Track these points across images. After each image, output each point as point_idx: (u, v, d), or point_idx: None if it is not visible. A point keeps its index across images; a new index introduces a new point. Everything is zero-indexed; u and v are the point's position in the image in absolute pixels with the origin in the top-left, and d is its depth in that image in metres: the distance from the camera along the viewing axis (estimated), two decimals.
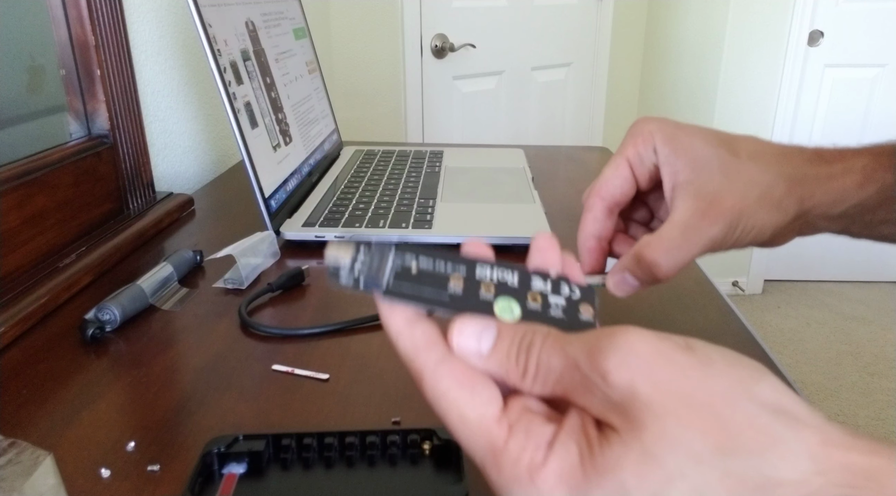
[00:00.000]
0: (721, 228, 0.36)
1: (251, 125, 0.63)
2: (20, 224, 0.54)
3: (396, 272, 0.24)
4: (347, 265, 0.23)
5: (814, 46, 2.22)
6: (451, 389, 0.22)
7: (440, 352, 0.23)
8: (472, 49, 1.85)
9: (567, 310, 0.25)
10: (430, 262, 0.24)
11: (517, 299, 0.24)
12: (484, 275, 0.25)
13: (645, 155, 0.38)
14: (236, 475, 0.33)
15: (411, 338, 0.23)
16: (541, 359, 0.22)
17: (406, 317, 0.23)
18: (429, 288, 0.24)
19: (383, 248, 0.24)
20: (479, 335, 0.23)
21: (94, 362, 0.45)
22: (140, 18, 0.77)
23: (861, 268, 2.50)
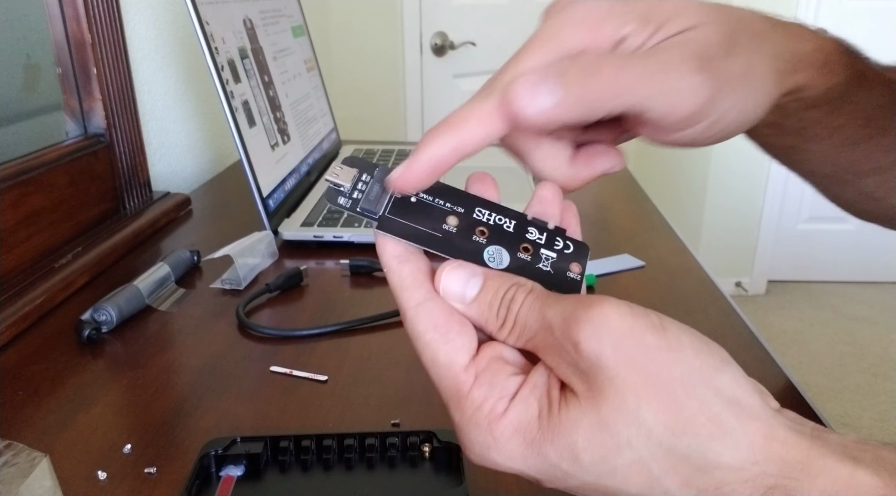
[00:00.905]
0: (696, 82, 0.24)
1: (249, 124, 0.63)
2: (16, 224, 0.54)
3: (395, 200, 0.24)
4: (348, 187, 0.23)
5: None
6: (427, 332, 0.23)
7: (424, 292, 0.23)
8: (473, 47, 1.85)
9: (556, 264, 0.25)
10: (430, 196, 0.24)
11: (508, 247, 0.24)
12: (481, 216, 0.24)
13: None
14: (234, 477, 0.32)
15: (399, 275, 0.23)
16: (519, 315, 0.22)
17: (397, 252, 0.24)
18: (423, 223, 0.24)
19: (385, 173, 0.24)
20: (465, 281, 0.23)
21: (91, 363, 0.44)
22: (137, 16, 0.76)
23: (865, 269, 2.50)
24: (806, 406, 0.39)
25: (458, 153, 0.24)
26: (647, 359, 0.20)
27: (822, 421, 0.38)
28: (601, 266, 0.58)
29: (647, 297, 0.53)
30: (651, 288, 0.54)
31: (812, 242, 2.48)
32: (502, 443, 0.21)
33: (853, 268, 2.51)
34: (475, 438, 0.22)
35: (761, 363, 0.44)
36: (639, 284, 0.55)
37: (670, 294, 0.54)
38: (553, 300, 0.22)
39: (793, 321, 2.30)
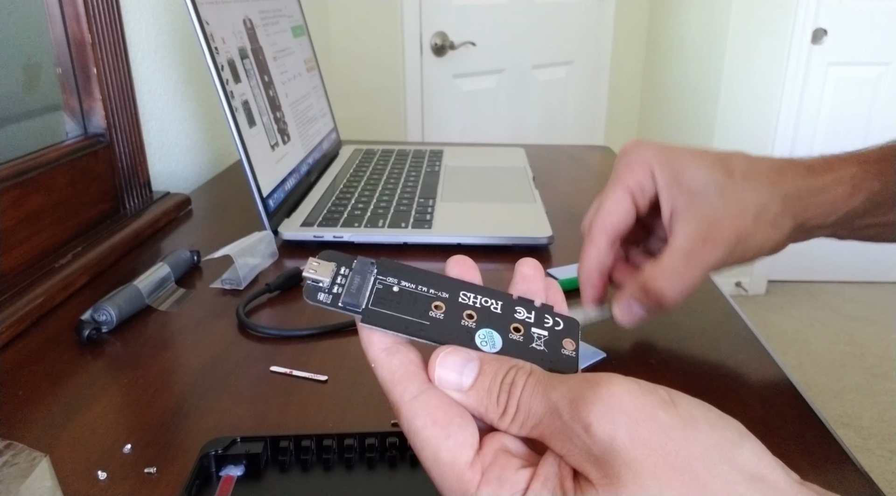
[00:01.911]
0: (722, 252, 0.37)
1: (249, 124, 0.63)
2: (16, 224, 0.54)
3: (377, 291, 0.23)
4: (327, 283, 0.23)
5: (817, 44, 2.22)
6: (426, 427, 0.22)
7: (418, 384, 0.22)
8: (473, 47, 1.85)
9: (549, 342, 0.24)
10: (413, 283, 0.24)
11: (499, 330, 0.24)
12: (467, 300, 0.24)
13: (645, 183, 0.39)
14: (234, 477, 0.32)
15: (389, 368, 0.23)
16: (522, 400, 0.21)
17: (384, 345, 0.23)
18: (409, 312, 0.23)
19: (364, 265, 0.23)
20: (460, 368, 0.22)
21: (91, 363, 0.44)
22: (137, 16, 0.76)
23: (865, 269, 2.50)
24: (806, 406, 0.39)
25: None
26: (663, 438, 0.19)
27: (823, 421, 0.38)
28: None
29: None
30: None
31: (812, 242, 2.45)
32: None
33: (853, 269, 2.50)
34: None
35: (761, 363, 0.44)
36: None
37: None
38: (556, 381, 0.21)
39: (793, 321, 2.30)
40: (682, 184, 0.38)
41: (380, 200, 0.71)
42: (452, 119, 1.91)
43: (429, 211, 0.68)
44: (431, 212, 0.68)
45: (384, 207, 0.69)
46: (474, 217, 0.67)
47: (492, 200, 0.72)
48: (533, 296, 0.25)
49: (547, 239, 0.61)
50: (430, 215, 0.67)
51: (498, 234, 0.62)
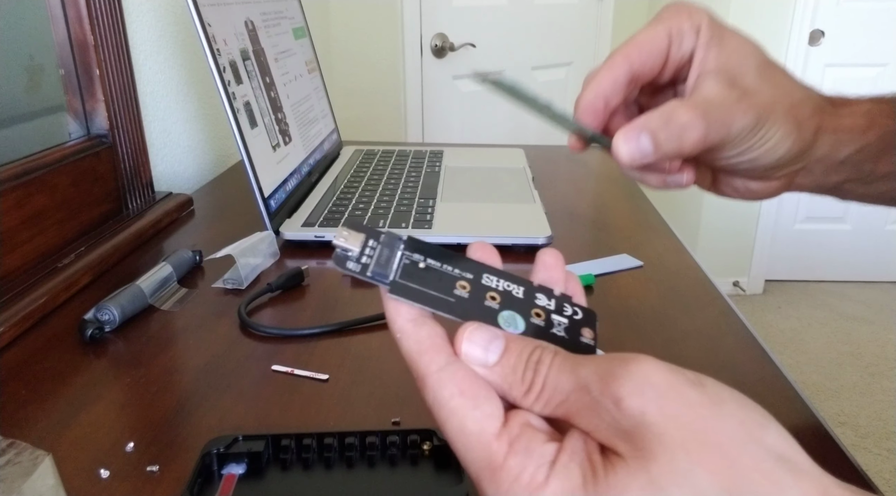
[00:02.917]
0: (751, 119, 0.32)
1: (251, 125, 0.63)
2: (19, 224, 0.54)
3: (405, 266, 0.23)
4: (356, 252, 0.23)
5: (815, 46, 2.22)
6: (453, 397, 0.22)
7: (445, 356, 0.22)
8: (472, 48, 1.85)
9: (569, 329, 0.24)
10: (438, 262, 0.24)
11: (521, 313, 0.24)
12: (490, 283, 0.24)
13: (687, 34, 0.34)
14: (236, 476, 0.33)
15: (416, 339, 0.23)
16: (549, 377, 0.21)
17: (411, 316, 0.23)
18: (434, 288, 0.23)
19: (393, 239, 0.24)
20: (486, 345, 0.22)
21: (94, 362, 0.44)
22: (139, 18, 0.77)
23: (862, 269, 2.50)
24: (803, 405, 0.40)
25: None
26: (693, 414, 0.19)
27: (820, 420, 0.38)
28: (600, 266, 0.58)
29: (646, 297, 0.53)
30: (649, 287, 0.55)
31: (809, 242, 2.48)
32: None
33: (850, 268, 2.51)
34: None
35: (759, 362, 0.44)
36: (637, 284, 0.56)
37: (668, 294, 0.54)
38: (583, 359, 0.21)
39: (790, 320, 2.30)
40: (724, 47, 0.33)
41: (380, 201, 0.71)
42: (452, 120, 1.91)
43: (429, 211, 0.68)
44: (431, 212, 0.68)
45: (385, 207, 0.69)
46: (474, 217, 0.67)
47: (492, 201, 0.72)
48: (553, 285, 0.25)
49: (546, 239, 0.62)
50: (430, 215, 0.67)
51: (497, 234, 0.62)
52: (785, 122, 0.34)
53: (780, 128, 0.33)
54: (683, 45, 0.34)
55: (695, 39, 0.34)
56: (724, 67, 0.33)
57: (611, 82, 0.34)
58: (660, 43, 0.34)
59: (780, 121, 0.33)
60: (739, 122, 0.32)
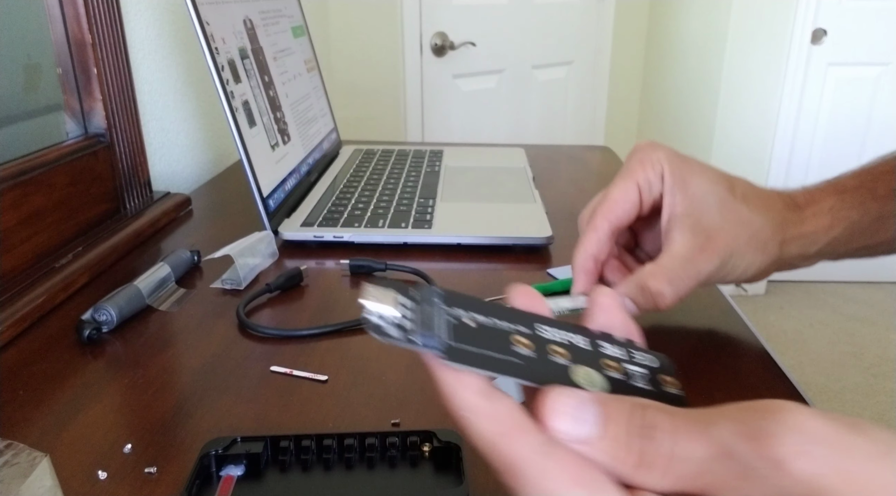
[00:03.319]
0: (715, 264, 0.39)
1: (249, 124, 0.63)
2: (16, 224, 0.54)
3: (453, 324, 0.19)
4: (392, 315, 0.19)
5: (817, 44, 2.22)
6: (567, 489, 0.18)
7: (536, 436, 0.18)
8: (473, 47, 1.85)
9: (650, 380, 0.21)
10: (484, 315, 0.20)
11: (594, 367, 0.20)
12: (548, 334, 0.21)
13: (654, 181, 0.40)
14: (234, 477, 0.32)
15: (495, 418, 0.18)
16: (673, 446, 0.18)
17: (480, 389, 0.19)
18: (492, 347, 0.19)
19: (429, 294, 0.20)
20: (579, 414, 0.18)
21: (91, 363, 0.44)
22: (137, 17, 0.77)
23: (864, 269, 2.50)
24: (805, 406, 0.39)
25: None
26: (870, 470, 0.16)
27: None
28: None
29: None
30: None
31: None
32: None
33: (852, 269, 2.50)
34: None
35: (761, 363, 0.44)
36: None
37: None
38: (710, 416, 0.18)
39: (792, 321, 2.30)
40: (687, 190, 0.39)
41: (380, 200, 0.71)
42: (452, 119, 1.91)
43: (429, 211, 0.68)
44: (431, 212, 0.68)
45: (384, 207, 0.69)
46: (474, 217, 0.67)
47: (492, 200, 0.72)
48: (612, 329, 0.23)
49: (546, 239, 0.62)
50: (430, 215, 0.67)
51: (498, 234, 0.62)
52: (748, 251, 0.39)
53: (744, 257, 0.39)
54: (653, 190, 0.40)
55: (661, 184, 0.40)
56: (688, 211, 0.39)
57: (596, 243, 0.41)
58: (632, 196, 0.40)
59: (743, 251, 0.39)
60: (706, 268, 0.39)
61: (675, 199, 0.39)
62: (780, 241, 0.40)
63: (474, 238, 0.62)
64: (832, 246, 0.41)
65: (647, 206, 0.41)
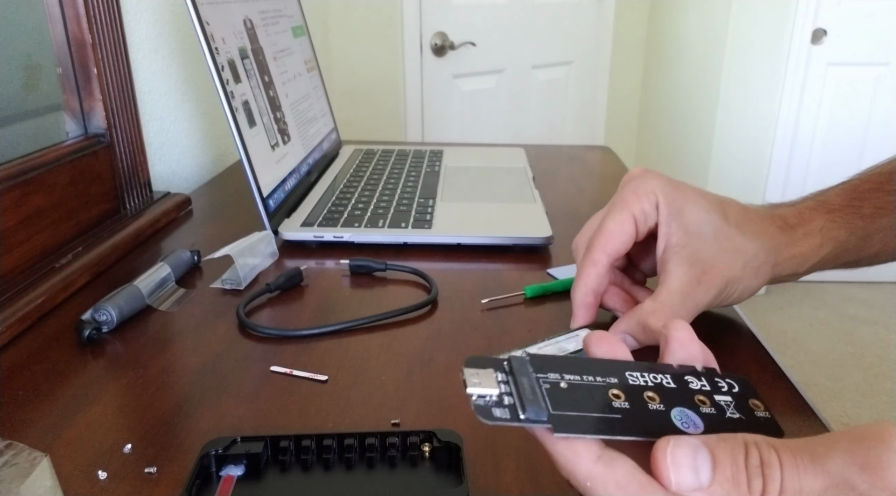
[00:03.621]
0: (713, 295, 0.40)
1: (249, 124, 0.63)
2: (16, 224, 0.54)
3: (548, 392, 0.20)
4: (495, 396, 0.19)
5: (817, 44, 2.22)
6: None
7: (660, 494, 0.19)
8: (473, 47, 1.85)
9: (740, 407, 0.21)
10: (576, 374, 0.20)
11: (688, 406, 0.21)
12: (637, 380, 0.21)
13: (649, 212, 0.41)
14: (234, 477, 0.32)
15: (617, 484, 0.19)
16: (786, 482, 0.18)
17: (593, 454, 0.19)
18: (592, 408, 0.20)
19: (522, 365, 0.20)
20: (693, 464, 0.19)
21: (91, 363, 0.44)
22: (137, 17, 0.77)
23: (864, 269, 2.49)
24: (805, 406, 0.39)
25: None
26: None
27: (822, 421, 0.38)
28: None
29: None
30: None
31: None
32: None
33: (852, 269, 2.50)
34: None
35: (761, 363, 0.44)
36: None
37: None
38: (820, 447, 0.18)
39: (792, 321, 2.30)
40: (682, 221, 0.40)
41: (380, 200, 0.71)
42: (452, 119, 1.91)
43: (429, 211, 0.68)
44: (431, 212, 0.68)
45: (384, 207, 0.69)
46: (474, 217, 0.67)
47: (492, 200, 0.72)
48: (692, 361, 0.23)
49: (546, 239, 0.62)
50: (430, 215, 0.67)
51: (498, 234, 0.62)
52: (743, 278, 0.40)
53: (740, 283, 0.41)
54: (648, 221, 0.41)
55: (656, 215, 0.41)
56: (683, 241, 0.40)
57: (595, 278, 0.41)
58: (628, 228, 0.41)
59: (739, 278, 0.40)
60: (704, 299, 0.40)
61: (670, 229, 0.40)
62: (772, 265, 0.42)
63: (474, 238, 0.62)
64: (820, 264, 0.43)
65: (643, 235, 0.42)
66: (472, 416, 0.38)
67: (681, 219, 0.40)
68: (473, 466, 0.34)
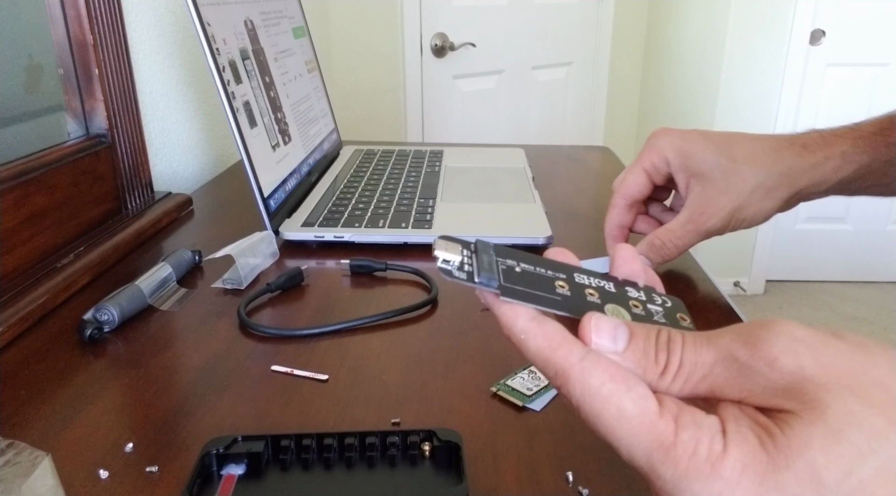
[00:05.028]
0: (717, 221, 0.48)
1: (250, 124, 0.63)
2: (18, 224, 0.54)
3: (503, 270, 0.24)
4: (457, 262, 0.24)
5: (815, 45, 2.22)
6: (604, 384, 0.21)
7: (580, 348, 0.22)
8: (472, 48, 1.85)
9: (667, 316, 0.25)
10: (531, 265, 0.24)
11: (621, 305, 0.24)
12: (583, 280, 0.25)
13: (660, 166, 0.52)
14: (235, 476, 0.33)
15: (544, 336, 0.22)
16: (685, 354, 0.21)
17: (530, 316, 0.23)
18: (538, 288, 0.24)
19: (486, 247, 0.24)
20: (613, 333, 0.22)
21: (93, 363, 0.44)
22: (138, 17, 0.77)
23: (863, 269, 2.50)
24: None
25: None
26: (847, 362, 0.19)
27: None
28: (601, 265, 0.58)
29: None
30: None
31: (810, 242, 2.48)
32: (734, 485, 0.19)
33: (851, 268, 2.51)
34: (701, 490, 0.19)
35: None
36: None
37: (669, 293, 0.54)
38: (717, 332, 0.21)
39: None
40: (692, 168, 0.49)
41: (380, 200, 0.71)
42: (452, 119, 1.91)
43: (429, 211, 0.68)
44: (431, 212, 0.68)
45: (384, 207, 0.69)
46: (474, 217, 0.67)
47: (491, 200, 0.72)
48: (635, 278, 0.26)
49: (546, 239, 0.62)
50: (430, 215, 0.67)
51: (498, 235, 0.62)
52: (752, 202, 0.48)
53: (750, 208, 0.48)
54: (660, 172, 0.52)
55: (667, 167, 0.51)
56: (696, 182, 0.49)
57: (617, 217, 0.54)
58: (641, 179, 0.53)
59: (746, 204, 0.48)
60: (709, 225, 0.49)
61: (682, 176, 0.50)
62: (787, 186, 0.47)
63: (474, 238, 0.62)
64: (842, 184, 0.47)
65: (662, 180, 0.52)
66: (473, 416, 0.38)
67: (689, 167, 0.49)
68: (473, 465, 0.34)
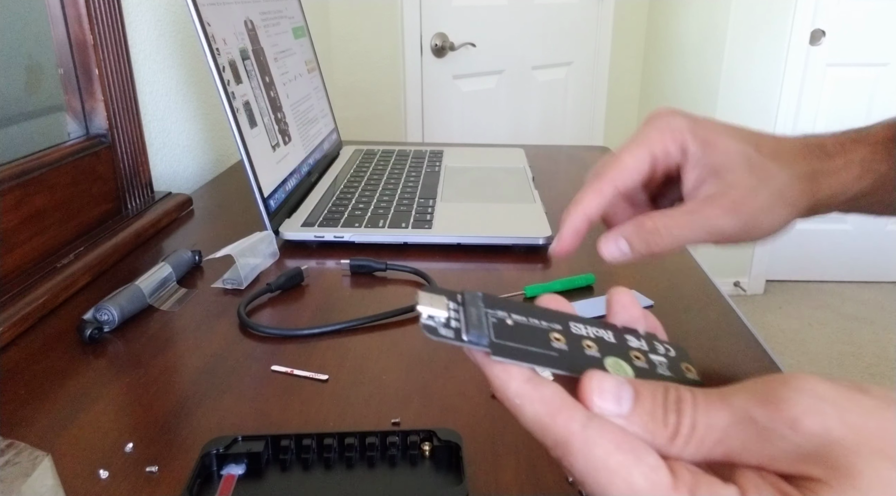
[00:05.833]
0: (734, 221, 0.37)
1: (250, 124, 0.63)
2: (18, 224, 0.54)
3: (494, 324, 0.22)
4: (443, 318, 0.21)
5: (815, 45, 2.22)
6: (611, 455, 0.19)
7: (581, 413, 0.20)
8: (473, 48, 1.85)
9: (671, 368, 0.23)
10: (523, 315, 0.23)
11: (623, 358, 0.23)
12: (580, 330, 0.23)
13: (673, 153, 0.38)
14: (235, 476, 0.33)
15: (542, 400, 0.20)
16: (697, 416, 0.20)
17: (525, 377, 0.21)
18: (532, 343, 0.22)
19: (474, 298, 0.22)
20: (617, 394, 0.20)
21: (93, 363, 0.44)
22: (138, 17, 0.77)
23: (863, 269, 2.50)
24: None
25: None
26: (878, 422, 0.18)
27: None
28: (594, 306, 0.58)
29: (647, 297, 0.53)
30: (650, 287, 0.55)
31: (810, 242, 2.48)
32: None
33: (851, 268, 2.51)
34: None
35: (760, 363, 0.44)
36: (637, 284, 0.55)
37: (669, 294, 0.54)
38: (728, 391, 0.20)
39: (791, 321, 2.30)
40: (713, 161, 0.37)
41: (380, 200, 0.71)
42: (452, 119, 1.91)
43: (429, 211, 0.68)
44: (431, 212, 0.68)
45: (384, 207, 0.69)
46: (474, 217, 0.67)
47: (491, 200, 0.72)
48: (634, 324, 0.25)
49: (546, 239, 0.62)
50: (430, 215, 0.67)
51: (498, 234, 0.62)
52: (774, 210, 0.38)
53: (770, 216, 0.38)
54: (670, 161, 0.38)
55: (681, 155, 0.38)
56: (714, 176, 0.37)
57: (596, 207, 0.39)
58: (643, 165, 0.38)
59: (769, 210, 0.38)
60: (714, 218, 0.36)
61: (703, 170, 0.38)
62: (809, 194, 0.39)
63: (474, 238, 0.62)
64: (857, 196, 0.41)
65: (659, 175, 0.39)
66: (473, 416, 0.38)
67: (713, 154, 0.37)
68: (473, 465, 0.34)
